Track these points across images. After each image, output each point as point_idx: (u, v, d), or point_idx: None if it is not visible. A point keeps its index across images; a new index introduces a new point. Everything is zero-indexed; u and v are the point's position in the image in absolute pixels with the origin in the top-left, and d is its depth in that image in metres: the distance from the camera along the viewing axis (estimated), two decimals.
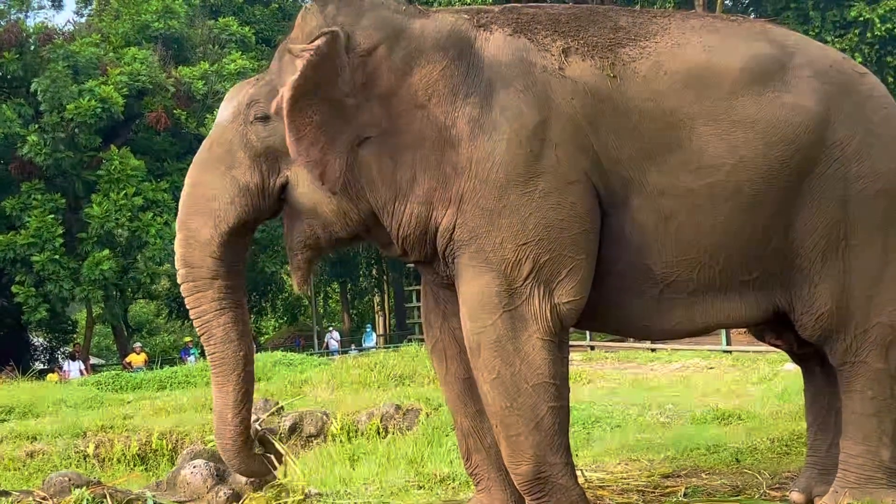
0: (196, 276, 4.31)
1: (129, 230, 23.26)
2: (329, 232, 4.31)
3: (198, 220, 4.31)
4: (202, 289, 4.31)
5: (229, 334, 4.33)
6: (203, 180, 4.35)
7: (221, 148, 4.34)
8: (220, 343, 4.33)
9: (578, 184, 4.14)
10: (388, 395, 10.17)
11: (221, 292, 4.31)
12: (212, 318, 4.32)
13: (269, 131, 4.25)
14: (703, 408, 8.51)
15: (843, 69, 4.60)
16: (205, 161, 4.38)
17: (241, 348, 4.35)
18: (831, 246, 4.42)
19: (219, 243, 4.28)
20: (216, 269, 4.29)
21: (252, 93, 4.33)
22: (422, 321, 4.91)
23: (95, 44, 25.33)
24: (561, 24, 4.40)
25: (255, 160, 4.29)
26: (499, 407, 4.13)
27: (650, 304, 4.40)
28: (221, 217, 4.27)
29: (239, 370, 4.33)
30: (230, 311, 4.34)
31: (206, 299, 4.32)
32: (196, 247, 4.30)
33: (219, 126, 4.40)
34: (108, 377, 14.35)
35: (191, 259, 4.32)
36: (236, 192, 4.28)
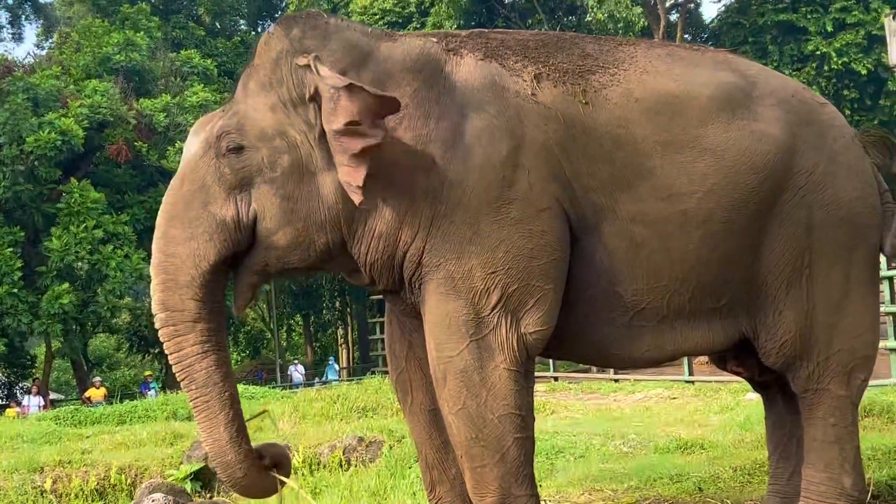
0: (177, 321, 4.11)
1: (88, 263, 23.10)
2: (282, 262, 4.20)
3: (176, 262, 4.13)
4: (183, 333, 4.11)
5: (212, 377, 4.12)
6: (178, 220, 4.16)
7: (194, 184, 4.17)
8: (203, 387, 4.12)
9: (550, 211, 4.11)
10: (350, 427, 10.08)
11: (204, 335, 4.11)
12: (193, 361, 4.11)
13: (242, 162, 4.13)
14: (666, 437, 8.51)
15: (804, 99, 4.66)
16: (178, 199, 4.19)
17: (227, 389, 4.15)
18: (796, 273, 4.45)
19: (200, 284, 4.10)
20: (198, 311, 4.10)
21: (221, 124, 4.18)
22: (386, 352, 4.84)
23: (56, 76, 25.24)
24: (530, 50, 4.39)
25: (231, 193, 4.13)
26: (464, 438, 4.08)
27: (620, 332, 4.37)
28: (201, 256, 4.10)
29: (227, 409, 4.13)
30: (213, 354, 4.13)
31: (187, 343, 4.11)
32: (176, 290, 4.11)
33: (188, 162, 4.24)
34: (66, 412, 14.15)
35: (171, 303, 4.12)
36: (214, 228, 4.10)
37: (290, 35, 4.19)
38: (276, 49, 4.20)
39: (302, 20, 4.27)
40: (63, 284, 22.78)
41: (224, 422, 4.12)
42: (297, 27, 4.22)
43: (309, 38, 4.18)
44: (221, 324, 4.23)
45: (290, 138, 4.13)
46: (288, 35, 4.20)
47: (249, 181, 4.14)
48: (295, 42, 4.16)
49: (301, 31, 4.20)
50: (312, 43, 4.15)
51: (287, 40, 4.18)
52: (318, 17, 4.31)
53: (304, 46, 4.14)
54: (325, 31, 4.22)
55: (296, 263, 4.22)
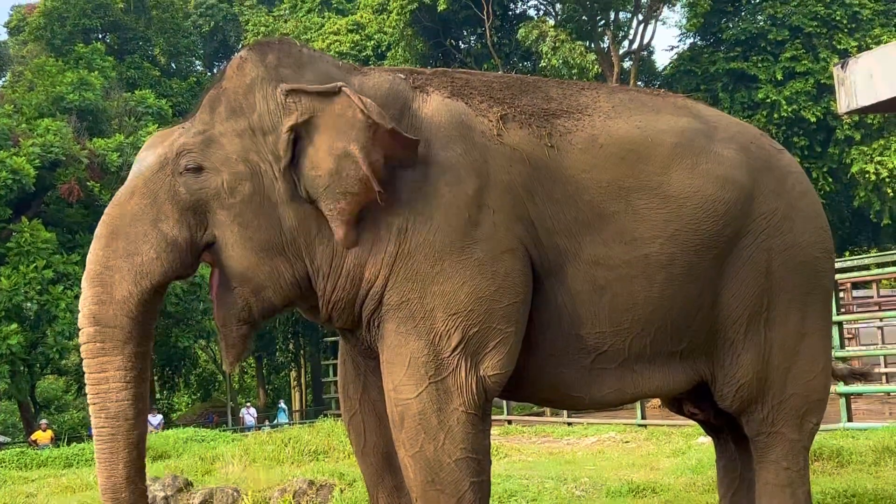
0: (106, 338, 3.95)
1: (38, 304, 22.82)
2: (262, 298, 4.10)
3: (115, 276, 3.98)
4: (110, 353, 3.95)
5: (126, 412, 3.96)
6: (122, 233, 4.02)
7: (145, 199, 4.05)
8: (114, 419, 3.95)
9: (513, 252, 4.10)
10: (301, 470, 9.97)
11: (131, 361, 3.96)
12: (112, 390, 3.95)
13: (200, 183, 4.04)
14: (619, 481, 8.50)
15: (762, 145, 4.73)
16: (125, 212, 4.06)
17: (136, 427, 3.99)
18: (754, 316, 4.48)
19: (138, 301, 3.97)
20: (131, 330, 3.96)
21: (183, 142, 4.09)
22: (339, 392, 4.78)
23: (8, 115, 25.07)
24: (495, 91, 4.40)
25: (184, 213, 4.04)
26: (420, 481, 4.03)
27: (581, 374, 4.36)
28: (145, 272, 3.98)
29: (131, 448, 3.98)
30: (133, 388, 3.98)
31: (111, 366, 3.95)
32: (111, 304, 3.96)
33: (141, 175, 4.11)
34: (12, 455, 13.86)
35: (103, 317, 3.96)
36: (163, 247, 4.00)
37: (265, 62, 4.13)
38: (250, 75, 4.12)
39: (276, 47, 4.21)
40: (11, 325, 22.46)
41: (125, 459, 3.98)
42: (271, 54, 4.16)
43: (285, 65, 4.13)
44: (148, 350, 4.11)
45: (253, 165, 4.07)
46: (263, 61, 4.13)
47: (205, 204, 4.06)
48: (271, 69, 4.10)
49: (276, 58, 4.15)
50: (288, 71, 4.11)
51: (263, 66, 4.12)
52: (291, 44, 4.27)
53: (280, 74, 4.09)
54: (299, 60, 4.18)
55: (273, 298, 4.13)
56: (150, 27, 35.14)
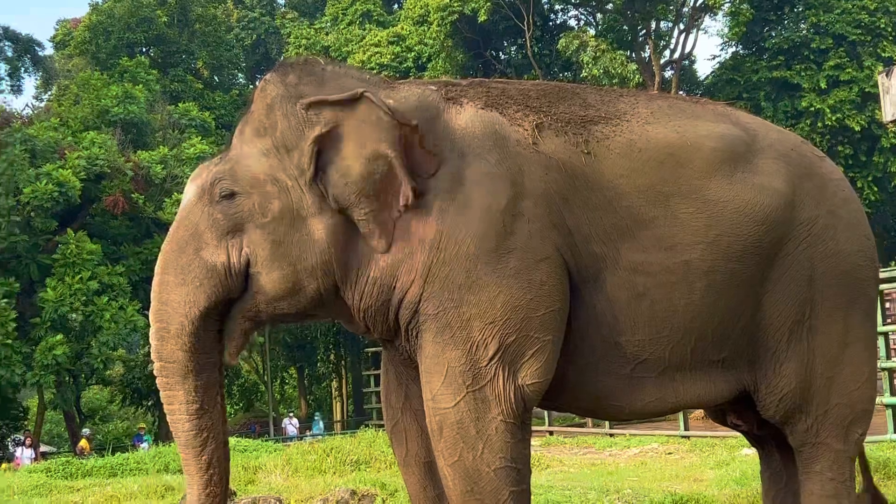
0: (168, 373, 4.14)
1: (83, 315, 23.04)
2: (273, 307, 4.18)
3: (168, 309, 4.13)
4: (173, 388, 4.14)
5: (192, 442, 4.15)
6: (171, 266, 4.18)
7: (188, 231, 4.19)
8: (185, 447, 4.17)
9: (549, 260, 4.09)
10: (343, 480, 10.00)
11: (192, 395, 4.12)
12: (179, 421, 4.16)
13: (235, 208, 4.13)
14: (662, 493, 8.45)
15: (803, 153, 4.69)
16: (172, 246, 4.22)
17: (204, 454, 4.16)
18: (796, 326, 4.43)
19: (189, 332, 4.09)
20: (187, 364, 4.11)
21: (215, 171, 4.21)
22: (381, 402, 4.79)
23: (54, 128, 25.37)
24: (531, 100, 4.39)
25: (223, 239, 4.14)
26: (459, 491, 4.03)
27: (621, 383, 4.33)
28: (191, 302, 4.10)
29: (202, 473, 4.16)
30: (196, 419, 4.14)
31: (176, 400, 4.15)
32: (168, 339, 4.12)
33: (183, 209, 4.27)
34: (58, 464, 14.02)
35: (163, 352, 4.14)
36: (205, 274, 4.11)
37: (285, 81, 4.19)
38: (271, 95, 4.19)
39: (298, 67, 4.28)
40: (57, 336, 22.70)
41: (198, 483, 4.18)
42: (293, 73, 4.22)
43: (305, 83, 4.18)
44: (213, 379, 4.22)
45: (281, 183, 4.12)
46: (284, 81, 4.20)
47: (241, 227, 4.14)
48: (290, 87, 4.16)
49: (297, 76, 4.21)
50: (308, 88, 4.15)
51: (283, 86, 4.18)
52: (314, 63, 4.32)
53: (300, 92, 4.14)
54: (321, 78, 4.22)
55: (286, 309, 4.20)
56: (194, 40, 35.48)
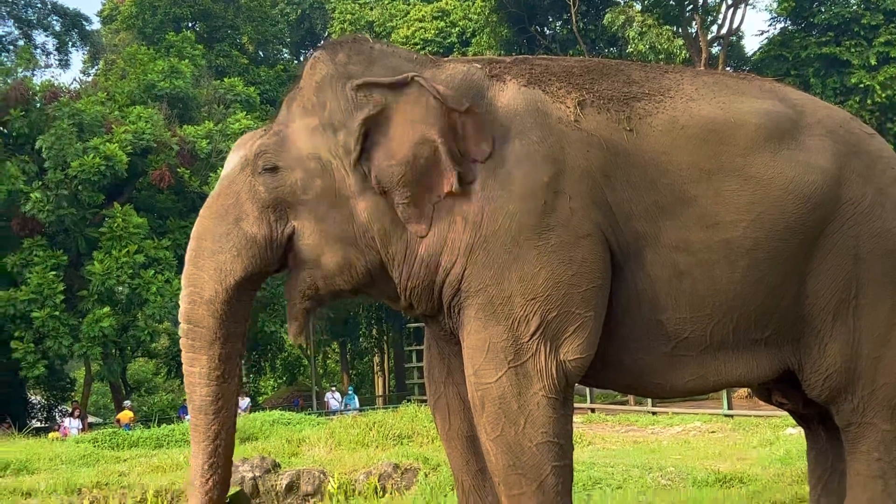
0: (196, 337, 4.19)
1: (129, 288, 23.24)
2: (330, 283, 4.24)
3: (203, 275, 4.19)
4: (197, 351, 4.19)
5: (206, 408, 4.19)
6: (209, 233, 4.24)
7: (229, 199, 4.25)
8: (196, 411, 4.22)
9: (591, 238, 4.09)
10: (386, 454, 10.06)
11: (215, 361, 4.18)
12: (197, 385, 4.21)
13: (277, 181, 4.18)
14: (705, 471, 8.43)
15: (851, 129, 4.63)
16: (211, 213, 4.27)
17: (215, 422, 4.21)
18: (842, 305, 4.39)
19: (223, 300, 4.16)
20: (216, 330, 4.17)
21: (260, 143, 4.25)
22: (424, 377, 4.82)
23: (101, 102, 25.51)
24: (574, 77, 4.38)
25: (264, 211, 4.19)
26: (502, 465, 4.05)
27: (662, 361, 4.34)
28: (227, 270, 4.16)
29: (207, 442, 4.20)
30: (215, 385, 4.19)
31: (198, 364, 4.20)
32: (199, 303, 4.18)
33: (226, 178, 4.32)
34: (104, 434, 14.22)
35: (193, 316, 4.20)
36: (243, 244, 4.17)
37: (335, 59, 4.22)
38: (320, 73, 4.22)
39: (347, 45, 4.30)
40: (104, 308, 22.94)
41: (203, 450, 4.21)
42: (342, 52, 4.25)
43: (354, 63, 4.21)
44: (236, 349, 4.27)
45: (325, 162, 4.17)
46: (333, 59, 4.23)
47: (284, 201, 4.19)
48: (340, 67, 4.19)
49: (346, 55, 4.23)
50: (357, 68, 4.18)
51: (332, 64, 4.21)
52: (363, 42, 4.34)
53: (349, 72, 4.17)
54: (369, 57, 4.24)
55: (342, 285, 4.25)
56: (239, 15, 35.52)
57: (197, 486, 4.24)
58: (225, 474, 4.29)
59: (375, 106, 4.09)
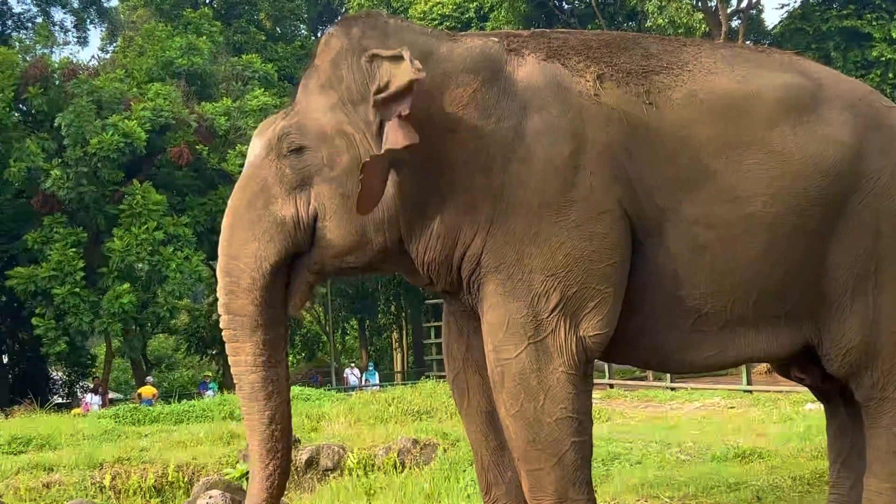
0: (237, 326, 4.16)
1: (149, 264, 23.40)
2: (339, 261, 4.21)
3: (239, 264, 4.15)
4: (241, 340, 4.16)
5: (257, 394, 4.17)
6: (240, 221, 4.20)
7: (256, 186, 4.20)
8: (248, 401, 4.20)
9: (611, 213, 4.07)
10: (405, 429, 10.10)
11: (259, 347, 4.15)
12: (244, 373, 4.18)
13: (303, 162, 4.14)
14: (724, 446, 8.42)
15: (871, 103, 4.58)
16: (240, 201, 4.24)
17: (268, 408, 4.18)
18: (861, 280, 4.37)
19: (261, 287, 4.12)
20: (257, 317, 4.13)
21: (283, 125, 4.21)
22: (443, 353, 4.82)
23: (119, 79, 25.59)
24: (593, 50, 4.35)
25: (291, 193, 4.15)
26: (521, 441, 4.06)
27: (681, 337, 4.32)
28: (263, 257, 4.12)
29: (262, 428, 4.18)
30: (262, 371, 4.17)
31: (242, 352, 4.17)
32: (238, 293, 4.14)
33: (251, 165, 4.27)
34: (125, 410, 14.32)
35: (233, 307, 4.16)
36: (276, 229, 4.13)
37: (349, 34, 4.20)
38: (335, 48, 4.20)
39: (362, 20, 4.29)
40: (124, 285, 23.08)
41: (259, 437, 4.20)
42: (356, 27, 4.23)
43: (368, 37, 4.18)
44: (280, 334, 4.26)
45: (349, 137, 4.13)
46: (348, 34, 4.21)
47: (310, 181, 4.15)
48: (354, 41, 4.17)
49: (361, 30, 4.21)
50: (372, 42, 4.15)
51: (347, 39, 4.19)
52: (377, 16, 4.32)
53: (364, 46, 4.14)
54: (384, 31, 4.22)
55: (353, 263, 4.24)
56: None
57: (256, 472, 4.24)
58: (285, 459, 4.28)
59: (383, 77, 4.05)
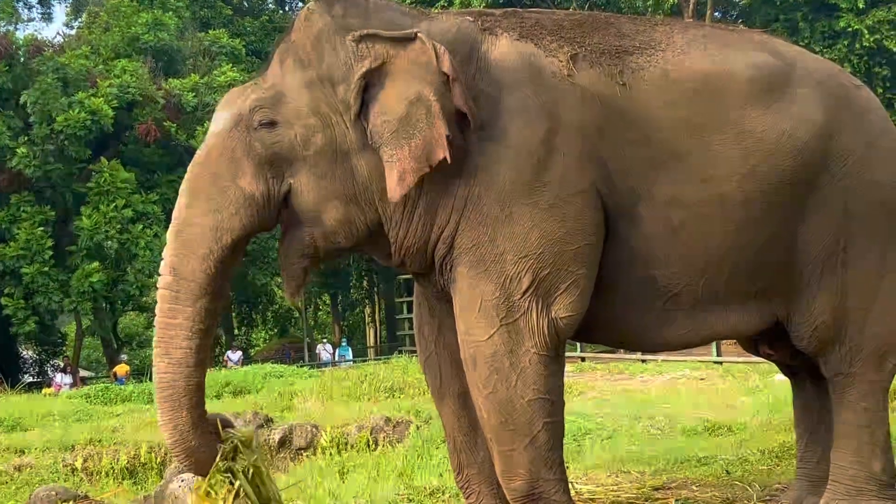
0: (182, 288, 3.99)
1: (118, 242, 23.25)
2: (330, 241, 4.13)
3: (196, 231, 4.02)
4: (182, 304, 3.98)
5: (188, 359, 3.97)
6: (203, 192, 4.07)
7: (223, 157, 4.07)
8: (176, 365, 3.97)
9: (584, 194, 4.07)
10: (378, 407, 10.15)
11: (200, 314, 3.98)
12: (178, 336, 3.97)
13: (274, 137, 4.04)
14: (694, 419, 8.51)
15: (840, 82, 4.62)
16: (204, 171, 4.10)
17: (196, 375, 4.00)
18: (831, 257, 4.41)
19: (217, 258, 4.00)
20: (206, 286, 3.99)
21: (255, 98, 4.10)
22: (414, 333, 4.81)
23: (85, 56, 25.34)
24: (565, 30, 4.33)
25: (260, 168, 4.04)
26: (494, 422, 4.06)
27: (655, 316, 4.34)
28: (225, 229, 4.00)
29: (191, 394, 3.98)
30: (197, 339, 3.99)
31: (181, 315, 3.98)
32: (192, 259, 4.00)
33: (216, 135, 4.14)
34: (97, 390, 14.28)
35: (182, 270, 4.00)
36: (242, 203, 4.02)
37: (332, 12, 4.11)
38: (317, 26, 4.10)
39: None
40: (93, 263, 22.95)
41: (188, 404, 3.97)
42: (338, 4, 4.13)
43: (351, 15, 4.10)
44: (218, 309, 4.12)
45: (324, 117, 4.06)
46: (329, 12, 4.11)
47: (281, 157, 4.06)
48: (338, 19, 4.08)
49: (343, 8, 4.12)
50: (356, 21, 4.08)
51: (329, 17, 4.09)
52: None
53: (347, 24, 4.06)
54: (366, 10, 4.15)
55: (343, 243, 4.15)
56: None
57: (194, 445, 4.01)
58: (209, 431, 4.10)
59: (377, 59, 4.00)
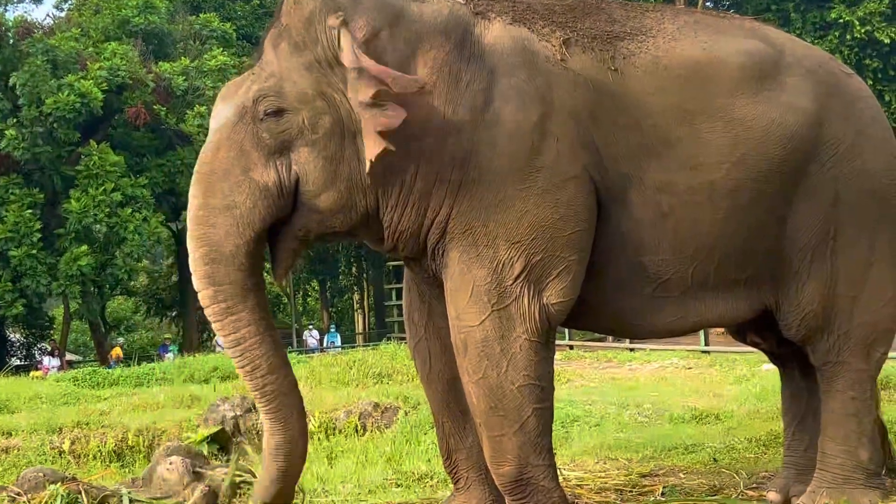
0: (227, 296, 3.95)
1: (107, 226, 23.17)
2: (325, 226, 4.09)
3: (219, 232, 3.96)
4: (236, 311, 3.95)
5: (274, 364, 4.00)
6: (216, 189, 4.00)
7: (231, 151, 4.01)
8: (271, 374, 3.99)
9: (577, 180, 4.06)
10: (366, 392, 10.15)
11: (257, 313, 3.97)
12: (253, 346, 3.97)
13: (282, 125, 3.99)
14: (682, 407, 8.54)
15: (831, 70, 4.63)
16: (215, 168, 4.03)
17: (290, 374, 4.07)
18: (820, 245, 4.42)
19: (245, 253, 3.95)
20: (246, 283, 3.96)
21: (257, 88, 4.03)
22: (404, 319, 4.80)
23: (75, 38, 25.21)
24: (557, 15, 4.32)
25: (270, 158, 3.99)
26: (483, 408, 4.06)
27: (644, 302, 4.35)
28: (246, 223, 3.95)
29: (296, 397, 4.07)
30: (268, 336, 4.01)
31: (242, 323, 3.96)
32: (221, 261, 3.95)
33: (221, 129, 4.07)
34: (84, 373, 14.26)
35: (218, 276, 3.95)
36: (258, 195, 3.96)
37: None
38: (307, 8, 4.05)
39: None
40: (81, 247, 22.86)
41: (298, 411, 4.06)
42: None
43: None
44: (265, 298, 4.12)
45: (329, 98, 4.02)
46: None
47: (289, 145, 4.01)
48: (328, 1, 4.03)
49: None
50: (346, 3, 4.04)
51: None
52: None
53: (337, 4, 4.02)
54: None
55: (338, 227, 4.12)
56: None
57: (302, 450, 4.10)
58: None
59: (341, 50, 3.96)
